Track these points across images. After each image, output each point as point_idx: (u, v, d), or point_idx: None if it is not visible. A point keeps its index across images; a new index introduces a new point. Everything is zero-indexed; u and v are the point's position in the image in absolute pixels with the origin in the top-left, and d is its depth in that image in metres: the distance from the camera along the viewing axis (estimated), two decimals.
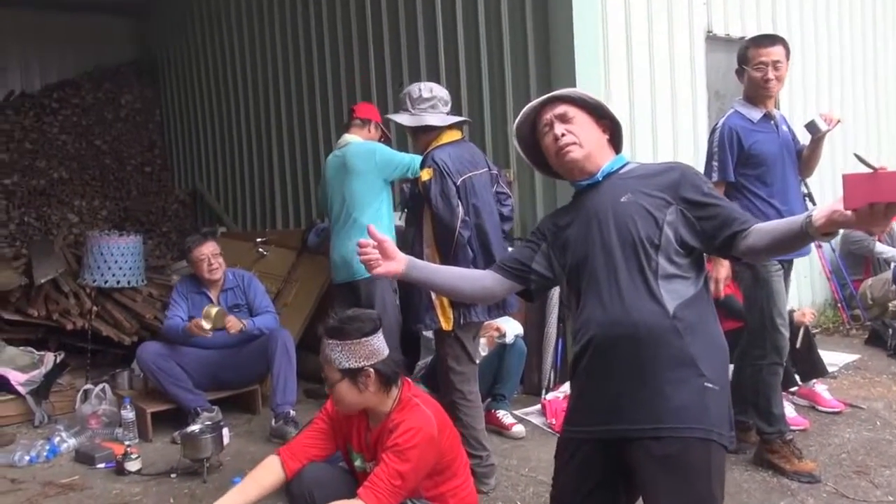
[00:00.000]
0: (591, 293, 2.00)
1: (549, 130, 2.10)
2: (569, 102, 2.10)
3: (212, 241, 4.60)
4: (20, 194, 8.67)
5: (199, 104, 8.85)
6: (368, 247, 2.12)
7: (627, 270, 1.95)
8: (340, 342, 2.43)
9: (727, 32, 5.91)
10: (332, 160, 4.56)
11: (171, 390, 4.29)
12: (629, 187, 2.02)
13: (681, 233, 1.96)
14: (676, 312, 1.92)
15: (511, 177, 4.94)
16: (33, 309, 5.36)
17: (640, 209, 1.98)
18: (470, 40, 5.20)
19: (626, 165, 2.13)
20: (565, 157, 2.07)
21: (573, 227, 2.09)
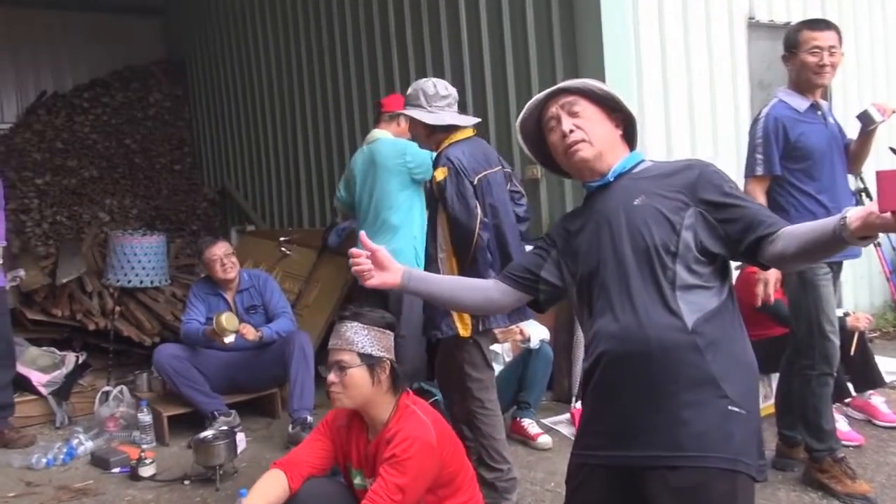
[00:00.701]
0: (603, 305, 1.83)
1: (555, 126, 1.92)
2: (577, 94, 1.92)
3: (223, 241, 4.51)
4: (52, 193, 8.70)
5: (226, 102, 8.79)
6: (361, 257, 1.98)
7: (641, 280, 1.77)
8: (367, 327, 2.36)
9: (771, 18, 5.64)
10: (360, 156, 4.40)
11: (188, 393, 4.20)
12: (643, 188, 1.84)
13: (701, 238, 1.77)
14: (696, 327, 1.73)
15: (538, 173, 4.75)
16: (57, 309, 5.32)
17: (654, 213, 1.79)
18: (494, 35, 5.02)
19: (641, 164, 1.94)
20: (574, 156, 1.89)
21: (584, 232, 1.91)
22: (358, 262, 1.98)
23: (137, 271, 5.40)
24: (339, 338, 2.35)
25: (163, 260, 5.57)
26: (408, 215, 4.16)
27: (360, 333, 2.34)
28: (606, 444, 1.82)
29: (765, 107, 3.29)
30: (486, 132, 5.12)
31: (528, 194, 4.87)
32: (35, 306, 5.38)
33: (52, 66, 9.75)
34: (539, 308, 2.07)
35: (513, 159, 4.97)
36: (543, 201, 4.82)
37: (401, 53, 5.89)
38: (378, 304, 4.32)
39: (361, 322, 2.36)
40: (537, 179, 4.80)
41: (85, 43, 9.83)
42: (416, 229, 4.20)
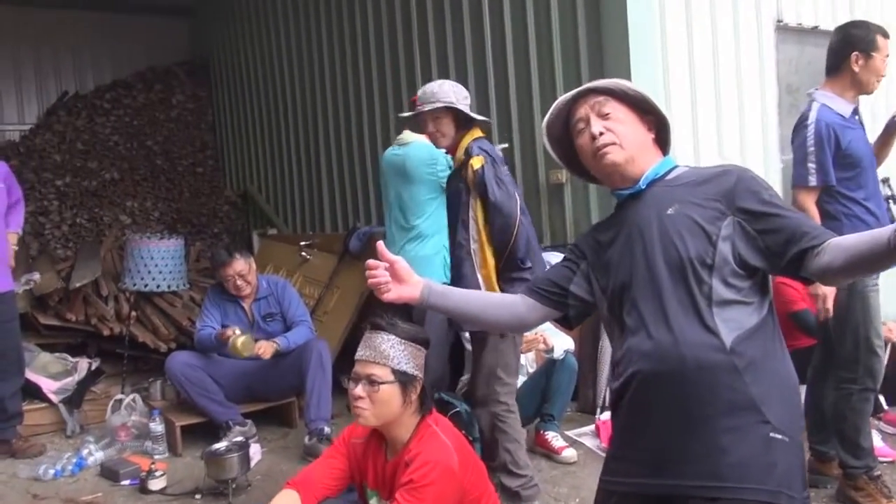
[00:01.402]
0: (634, 322, 1.71)
1: (584, 128, 1.81)
2: (607, 95, 1.81)
3: (240, 259, 4.30)
4: (72, 195, 8.68)
5: (249, 104, 8.72)
6: (378, 268, 1.84)
7: (675, 296, 1.66)
8: (404, 341, 2.23)
9: (799, 22, 5.47)
10: (391, 158, 4.23)
11: (202, 403, 4.09)
12: (677, 197, 1.74)
13: (739, 250, 1.66)
14: (735, 346, 1.61)
15: (563, 178, 4.62)
16: (71, 314, 5.26)
17: (689, 223, 1.69)
18: (518, 38, 4.89)
19: (674, 170, 1.83)
20: (603, 160, 1.78)
21: (615, 244, 1.80)
22: (374, 275, 1.84)
23: (154, 275, 5.30)
24: (373, 349, 2.21)
25: (180, 264, 5.47)
26: (437, 222, 4.04)
27: (397, 348, 2.21)
28: (638, 471, 1.70)
29: (809, 111, 3.13)
30: (509, 134, 5.00)
31: (552, 199, 4.79)
32: (49, 311, 5.32)
33: (74, 66, 9.73)
34: (568, 324, 1.95)
35: (536, 162, 4.85)
36: (568, 207, 4.68)
37: (423, 56, 5.76)
38: (400, 309, 4.23)
39: (398, 335, 2.23)
40: (562, 184, 4.67)
41: (107, 43, 9.80)
42: (445, 237, 4.09)
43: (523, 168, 4.95)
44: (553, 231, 4.78)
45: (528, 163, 4.92)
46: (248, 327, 4.31)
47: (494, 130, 5.12)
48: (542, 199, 4.83)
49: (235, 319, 4.33)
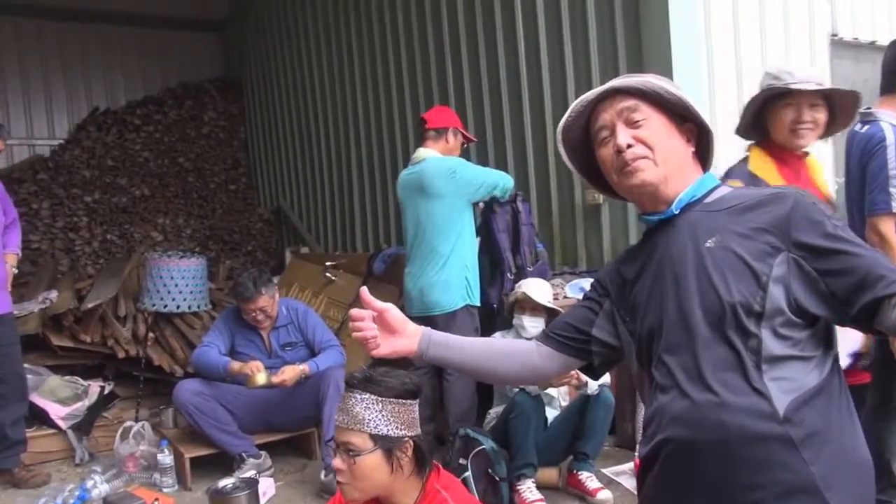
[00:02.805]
0: (665, 376, 1.41)
1: (608, 137, 1.49)
2: (637, 97, 1.47)
3: (265, 295, 4.01)
4: (102, 211, 8.61)
5: (281, 122, 8.61)
6: (364, 319, 1.55)
7: (715, 348, 1.35)
8: (381, 399, 1.85)
9: (855, 36, 5.16)
10: (406, 178, 4.05)
11: (213, 434, 3.85)
12: (718, 225, 1.42)
13: (796, 294, 1.34)
14: (789, 413, 1.30)
15: (600, 199, 4.34)
16: (85, 334, 5.08)
17: (732, 259, 1.37)
18: (554, 51, 4.63)
19: (715, 190, 1.50)
20: (632, 178, 1.46)
21: (642, 280, 1.50)
22: (359, 328, 1.55)
23: (174, 295, 5.11)
24: (346, 413, 1.86)
25: (202, 284, 5.28)
26: (458, 242, 3.82)
27: (373, 409, 1.84)
28: None
29: (880, 131, 2.83)
30: (543, 151, 4.75)
31: (588, 221, 4.50)
32: (64, 331, 5.15)
33: (105, 82, 9.70)
34: (594, 374, 1.67)
35: (572, 182, 4.58)
36: (605, 230, 4.39)
37: (456, 74, 5.54)
38: None
39: (374, 393, 1.85)
40: (598, 205, 4.38)
41: (139, 59, 9.79)
42: (468, 257, 3.86)
43: (558, 188, 4.68)
44: (589, 255, 4.50)
45: (563, 182, 4.65)
46: (265, 357, 4.08)
47: (529, 145, 4.87)
48: (577, 221, 4.55)
49: (252, 348, 4.10)
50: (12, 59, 9.16)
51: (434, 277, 3.80)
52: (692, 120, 1.51)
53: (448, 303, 3.80)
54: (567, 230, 4.65)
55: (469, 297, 3.85)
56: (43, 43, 9.31)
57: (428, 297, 3.82)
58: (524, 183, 4.87)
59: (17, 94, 9.27)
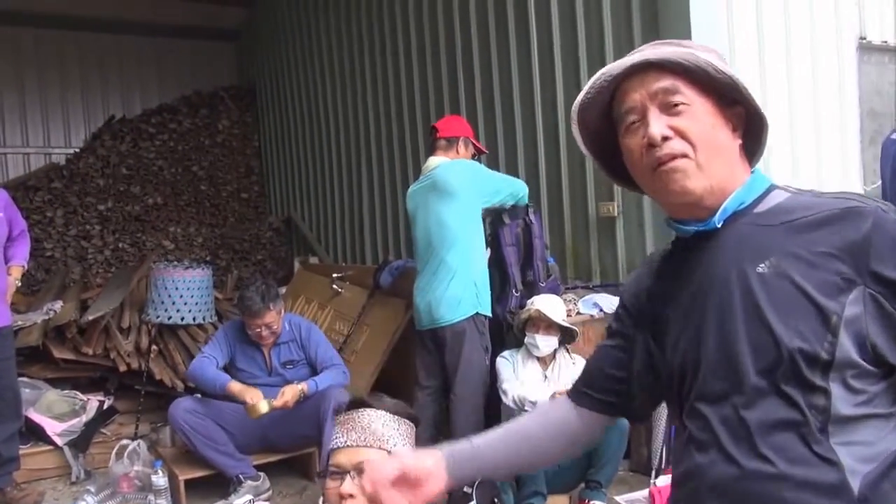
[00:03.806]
0: (702, 431, 1.14)
1: (637, 124, 1.17)
2: (677, 74, 1.15)
3: (272, 310, 3.87)
4: (115, 220, 8.57)
5: (294, 131, 8.52)
6: (386, 489, 1.22)
7: (767, 403, 1.07)
8: (398, 418, 1.70)
9: (884, 40, 4.93)
10: (416, 190, 3.92)
11: (209, 455, 3.70)
12: (773, 244, 1.12)
13: (873, 339, 1.05)
14: (866, 489, 1.03)
15: (614, 211, 4.15)
16: (88, 346, 4.97)
17: (791, 290, 1.07)
18: (568, 57, 4.46)
19: (768, 195, 1.19)
20: (670, 183, 1.15)
21: (675, 302, 1.21)
22: (387, 499, 1.22)
23: (179, 307, 5.00)
24: (362, 431, 1.66)
25: (207, 295, 5.16)
26: (468, 254, 3.66)
27: (391, 426, 1.67)
28: None
29: None
30: (556, 159, 4.57)
31: (602, 234, 4.31)
32: (67, 342, 5.04)
33: (122, 91, 9.68)
34: (635, 416, 1.43)
35: (586, 192, 4.39)
36: (620, 243, 4.19)
37: (468, 86, 5.37)
38: (432, 357, 3.84)
39: (388, 410, 1.70)
40: (613, 217, 4.19)
41: (155, 67, 9.76)
42: (477, 270, 3.69)
43: (571, 199, 4.50)
44: (603, 269, 4.31)
45: (576, 193, 4.46)
46: (265, 374, 3.94)
47: (541, 155, 4.70)
48: (591, 233, 4.36)
49: (252, 365, 3.96)
50: (31, 69, 9.19)
51: (442, 292, 3.65)
52: (742, 101, 1.18)
53: (456, 315, 3.65)
54: (580, 243, 4.46)
55: (479, 306, 3.69)
56: (62, 53, 9.33)
57: (436, 312, 3.69)
58: (535, 194, 4.69)
59: (34, 103, 9.30)
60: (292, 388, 3.74)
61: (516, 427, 1.42)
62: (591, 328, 3.78)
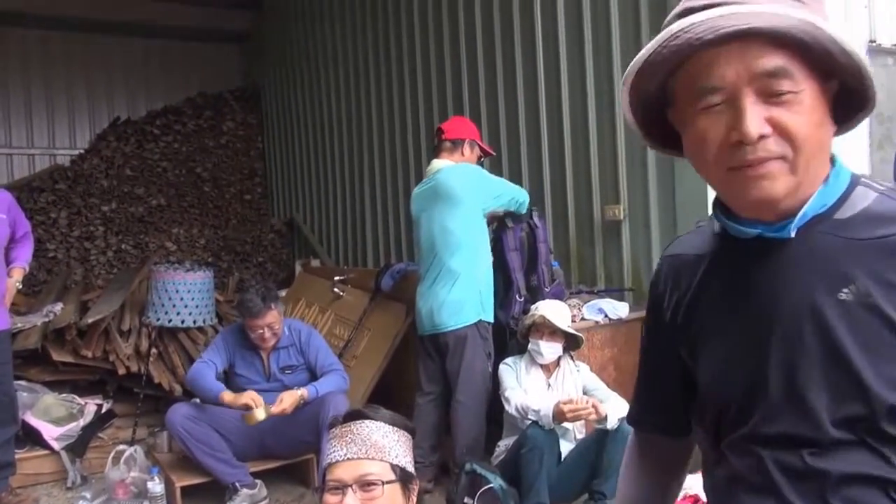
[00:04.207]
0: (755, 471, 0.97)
1: (719, 106, 0.91)
2: (789, 50, 0.88)
3: (274, 310, 3.82)
4: (118, 221, 8.52)
5: (297, 133, 8.46)
6: None
7: (846, 455, 0.90)
8: (398, 430, 1.65)
9: (894, 42, 4.84)
10: (420, 191, 3.87)
11: (206, 462, 3.63)
12: (859, 264, 0.91)
13: None
14: None
15: (620, 214, 4.07)
16: (87, 349, 4.91)
17: (881, 329, 0.88)
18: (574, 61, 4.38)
19: (851, 193, 0.97)
20: (752, 188, 0.91)
21: (724, 323, 1.01)
22: None
23: (179, 309, 4.93)
24: (362, 443, 1.60)
25: (208, 298, 5.10)
26: (471, 259, 3.60)
27: (391, 437, 1.62)
28: None
29: None
30: (561, 162, 4.49)
31: (607, 238, 4.23)
32: (66, 345, 4.98)
33: (127, 92, 9.67)
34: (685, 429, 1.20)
35: (591, 195, 4.30)
36: (625, 247, 4.10)
37: (472, 92, 5.29)
38: (434, 363, 3.77)
39: (387, 422, 1.64)
40: (619, 221, 4.11)
41: (161, 69, 9.73)
42: (481, 275, 3.64)
43: (575, 201, 4.42)
44: (608, 274, 4.22)
45: (580, 195, 4.38)
46: (263, 380, 3.87)
47: (545, 156, 4.62)
48: (595, 237, 4.28)
49: (251, 370, 3.89)
50: (38, 70, 9.20)
51: (444, 297, 3.59)
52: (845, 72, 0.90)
53: (458, 321, 3.59)
54: (585, 247, 4.38)
55: (482, 312, 3.63)
56: (68, 54, 9.33)
57: (437, 317, 3.63)
58: (539, 196, 4.62)
59: (40, 104, 9.31)
60: (291, 393, 3.68)
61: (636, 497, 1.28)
62: (597, 334, 3.71)
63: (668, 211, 3.83)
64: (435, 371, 3.80)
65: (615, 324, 3.75)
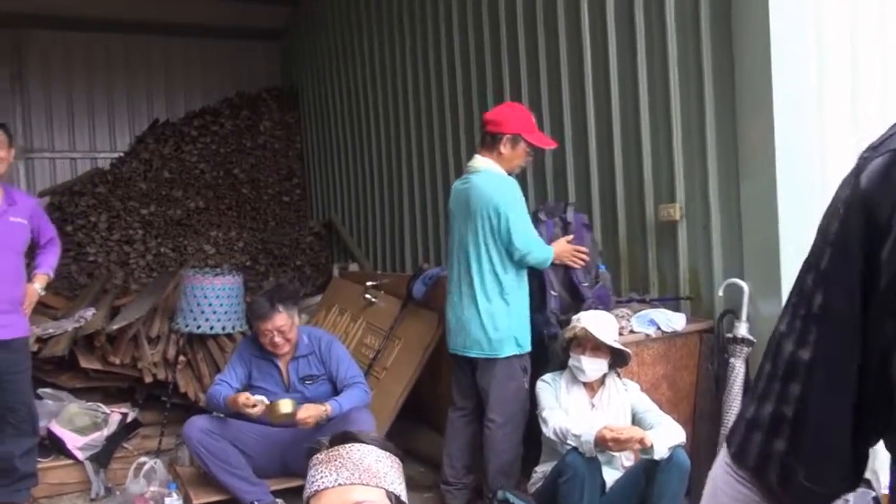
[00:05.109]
0: None
1: None
2: None
3: (282, 312, 3.59)
4: (157, 224, 8.42)
5: (335, 133, 8.24)
6: None
7: None
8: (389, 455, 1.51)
9: None
10: (456, 190, 3.55)
11: (224, 479, 3.42)
12: None
13: None
14: None
15: (676, 214, 3.69)
16: (115, 356, 4.74)
17: None
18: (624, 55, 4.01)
19: None
20: None
21: None
22: None
23: (207, 316, 4.73)
24: (355, 469, 1.45)
25: (237, 303, 4.88)
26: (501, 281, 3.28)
27: (385, 462, 1.48)
28: None
29: None
30: (610, 159, 4.13)
31: (662, 241, 3.86)
32: (96, 351, 4.82)
33: (167, 93, 9.59)
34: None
35: (643, 194, 3.93)
36: (682, 251, 3.72)
37: (513, 88, 4.97)
38: (465, 376, 3.47)
39: (379, 446, 1.50)
40: (675, 222, 3.73)
41: (200, 69, 9.62)
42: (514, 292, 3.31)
43: (626, 199, 4.05)
44: (662, 280, 3.85)
45: (632, 192, 4.01)
46: (282, 391, 3.63)
47: (593, 155, 4.26)
48: (648, 239, 3.91)
49: (269, 381, 3.65)
50: (80, 73, 9.17)
51: (472, 316, 3.29)
52: None
53: (489, 348, 3.27)
54: (636, 250, 4.01)
55: (518, 343, 3.29)
56: (109, 56, 9.30)
57: (468, 335, 3.34)
58: (585, 193, 4.28)
59: (82, 107, 9.28)
60: (316, 406, 3.45)
61: None
62: (647, 349, 3.33)
63: (731, 210, 3.45)
64: (467, 385, 3.50)
65: (669, 337, 3.37)
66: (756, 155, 3.27)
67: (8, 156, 3.55)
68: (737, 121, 3.38)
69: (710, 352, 3.43)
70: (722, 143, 3.48)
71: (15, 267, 3.62)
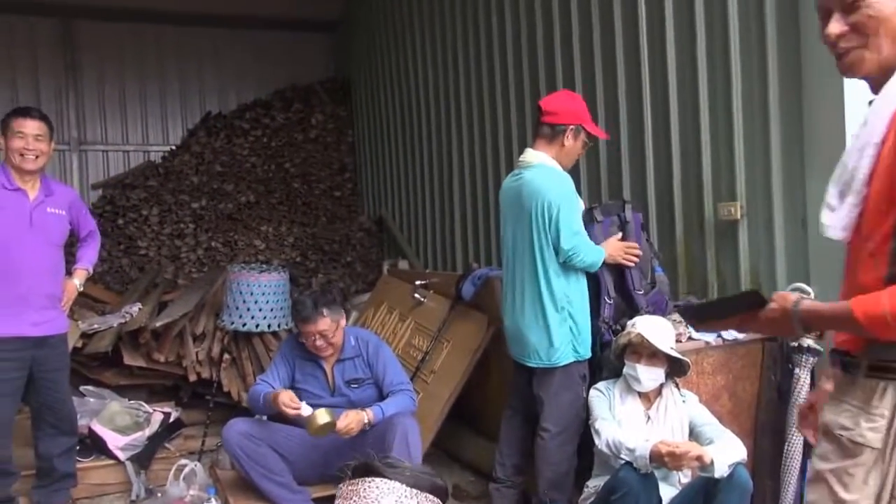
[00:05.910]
0: None
1: None
2: None
3: (326, 317, 3.46)
4: (208, 218, 8.43)
5: (387, 127, 8.12)
6: None
7: None
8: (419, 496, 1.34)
9: None
10: (508, 186, 3.39)
11: (263, 485, 3.33)
12: None
13: None
14: None
15: (737, 213, 3.48)
16: (160, 353, 4.72)
17: None
18: (682, 27, 3.81)
19: None
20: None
21: None
22: None
23: (253, 313, 4.67)
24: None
25: (283, 301, 4.81)
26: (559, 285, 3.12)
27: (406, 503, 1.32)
28: None
29: None
30: (668, 155, 3.93)
31: (721, 240, 3.65)
32: (141, 348, 4.81)
33: (219, 86, 9.59)
34: None
35: (701, 191, 3.73)
36: (743, 252, 3.51)
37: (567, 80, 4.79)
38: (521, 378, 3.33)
39: (406, 482, 1.33)
40: (735, 221, 3.52)
41: (252, 61, 9.58)
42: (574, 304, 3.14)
43: (683, 197, 3.84)
44: (721, 283, 3.64)
45: (689, 190, 3.81)
46: (327, 394, 3.52)
47: (649, 151, 4.06)
48: (707, 239, 3.70)
49: (313, 383, 3.55)
50: (131, 65, 9.22)
51: (531, 322, 3.15)
52: None
53: (547, 358, 3.12)
54: (694, 251, 3.80)
55: (576, 350, 3.13)
56: (161, 48, 9.33)
57: (526, 344, 3.19)
58: (641, 190, 4.08)
59: (134, 100, 9.35)
60: (357, 413, 3.32)
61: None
62: (707, 358, 3.13)
63: (795, 209, 3.23)
64: (524, 386, 3.35)
65: (730, 345, 3.16)
66: (824, 152, 3.05)
67: (49, 149, 3.50)
68: (803, 115, 3.16)
69: (773, 361, 3.22)
70: (787, 138, 3.27)
71: (53, 261, 3.52)
